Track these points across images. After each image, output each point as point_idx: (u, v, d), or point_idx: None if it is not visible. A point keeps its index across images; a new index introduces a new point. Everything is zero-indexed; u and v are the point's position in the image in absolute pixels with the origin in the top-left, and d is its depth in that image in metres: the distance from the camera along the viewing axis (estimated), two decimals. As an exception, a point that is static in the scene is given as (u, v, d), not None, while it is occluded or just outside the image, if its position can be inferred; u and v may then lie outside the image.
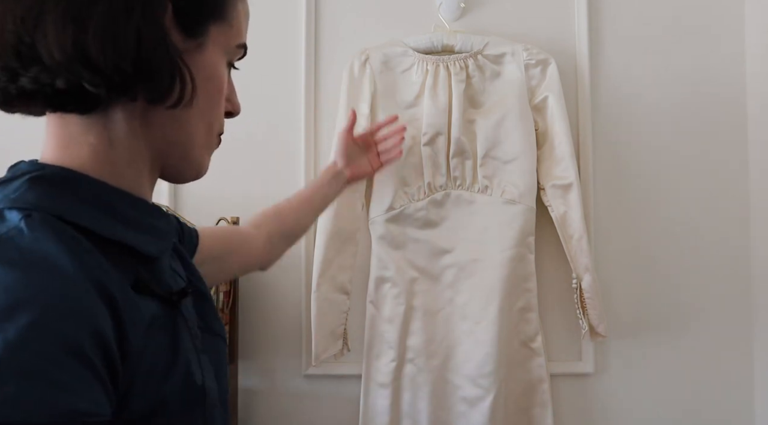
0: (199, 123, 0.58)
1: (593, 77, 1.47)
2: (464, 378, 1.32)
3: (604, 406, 1.45)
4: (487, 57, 1.39)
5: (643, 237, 1.47)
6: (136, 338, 0.47)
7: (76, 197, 0.49)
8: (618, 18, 1.49)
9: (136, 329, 0.47)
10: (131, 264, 0.51)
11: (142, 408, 0.47)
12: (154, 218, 0.57)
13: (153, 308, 0.51)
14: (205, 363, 0.57)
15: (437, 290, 1.36)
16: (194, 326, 0.58)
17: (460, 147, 1.34)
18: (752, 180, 1.47)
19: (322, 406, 1.42)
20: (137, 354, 0.47)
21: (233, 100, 0.63)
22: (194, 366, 0.53)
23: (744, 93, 1.49)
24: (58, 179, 0.50)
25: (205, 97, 0.57)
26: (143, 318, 0.48)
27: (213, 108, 0.59)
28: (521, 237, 1.34)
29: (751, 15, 1.48)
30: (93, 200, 0.50)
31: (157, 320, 0.50)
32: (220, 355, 0.63)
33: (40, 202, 0.47)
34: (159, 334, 0.50)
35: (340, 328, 1.34)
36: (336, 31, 1.47)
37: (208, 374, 0.57)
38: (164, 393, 0.49)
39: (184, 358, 0.52)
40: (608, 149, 1.47)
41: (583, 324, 1.36)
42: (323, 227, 1.34)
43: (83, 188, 0.50)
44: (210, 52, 0.57)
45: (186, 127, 0.57)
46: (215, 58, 0.57)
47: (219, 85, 0.58)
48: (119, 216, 0.51)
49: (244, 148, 1.44)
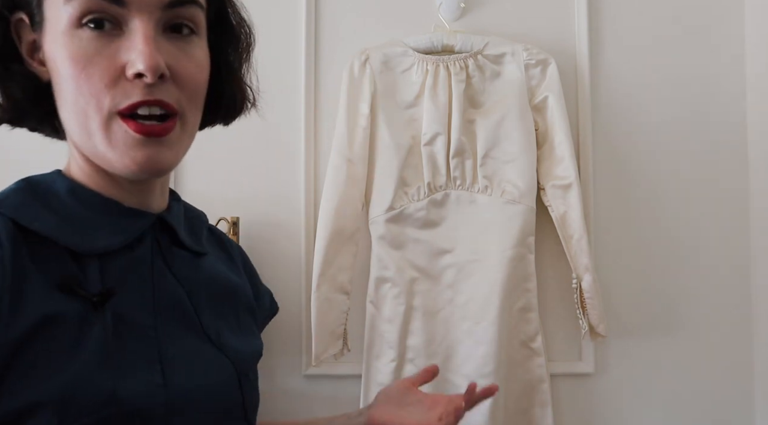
0: (75, 112, 0.52)
1: (593, 77, 1.47)
2: (464, 378, 1.32)
3: (604, 406, 1.45)
4: (487, 57, 1.39)
5: (643, 237, 1.47)
6: (11, 333, 0.47)
7: (34, 195, 0.54)
8: (618, 18, 1.49)
9: (16, 324, 0.47)
10: (65, 261, 0.52)
11: (19, 403, 0.46)
12: (112, 216, 0.56)
13: (62, 307, 0.49)
14: (142, 367, 0.52)
15: (437, 290, 1.36)
16: (134, 329, 0.54)
17: (460, 147, 1.34)
18: (752, 180, 1.48)
19: (322, 406, 1.42)
20: (13, 349, 0.46)
21: (132, 58, 0.50)
22: (100, 371, 0.49)
23: (744, 93, 1.49)
24: (38, 181, 0.56)
25: (62, 82, 0.52)
26: (32, 315, 0.48)
27: (76, 89, 0.51)
28: (521, 237, 1.34)
29: (751, 15, 1.49)
30: (47, 198, 0.55)
31: (58, 319, 0.49)
32: (214, 363, 0.60)
33: (3, 198, 0.53)
34: (57, 333, 0.48)
35: (340, 328, 1.34)
36: (336, 31, 1.47)
37: (147, 379, 0.52)
38: (45, 391, 0.47)
39: (82, 360, 0.49)
40: (608, 149, 1.47)
41: (583, 324, 1.36)
42: (323, 227, 1.33)
43: (49, 188, 0.56)
44: (48, 33, 0.53)
45: (71, 122, 0.54)
46: (55, 36, 0.52)
47: (69, 61, 0.50)
48: (63, 212, 0.54)
49: (244, 148, 1.44)
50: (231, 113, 0.68)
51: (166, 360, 0.54)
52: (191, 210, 0.70)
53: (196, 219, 0.69)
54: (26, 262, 0.49)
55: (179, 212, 0.66)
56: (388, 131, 1.35)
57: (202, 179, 1.43)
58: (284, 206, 1.43)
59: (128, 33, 0.51)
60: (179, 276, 0.61)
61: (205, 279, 0.64)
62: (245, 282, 0.74)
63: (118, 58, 0.51)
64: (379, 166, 1.36)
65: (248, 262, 0.78)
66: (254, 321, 0.73)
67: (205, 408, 0.57)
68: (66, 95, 0.52)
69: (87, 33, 0.50)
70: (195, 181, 1.43)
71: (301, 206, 1.43)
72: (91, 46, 0.50)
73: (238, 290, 0.70)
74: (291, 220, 1.43)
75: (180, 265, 0.62)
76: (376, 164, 1.36)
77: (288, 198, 1.44)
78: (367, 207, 1.38)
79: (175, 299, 0.59)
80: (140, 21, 0.51)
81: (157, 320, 0.56)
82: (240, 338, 0.66)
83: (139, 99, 0.50)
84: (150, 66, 0.50)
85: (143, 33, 0.51)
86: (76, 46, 0.50)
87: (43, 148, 0.67)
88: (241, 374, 0.63)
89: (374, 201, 1.37)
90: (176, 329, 0.57)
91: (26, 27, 0.55)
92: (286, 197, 1.44)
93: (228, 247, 0.74)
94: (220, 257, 0.71)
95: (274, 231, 1.43)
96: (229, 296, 0.68)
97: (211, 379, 0.58)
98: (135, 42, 0.50)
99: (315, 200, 1.42)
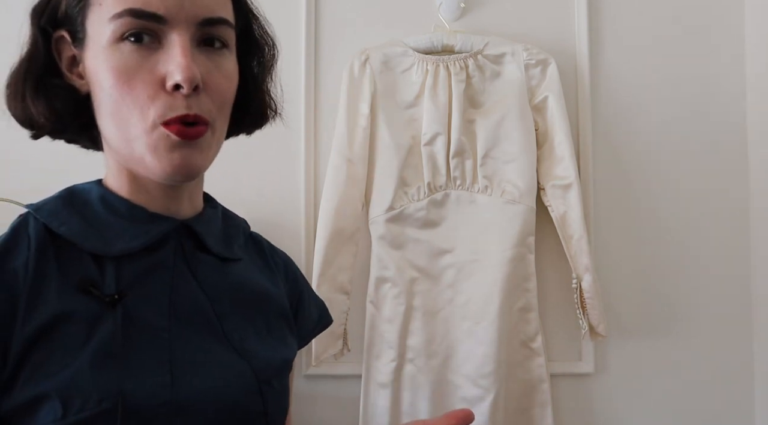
0: (116, 122, 0.56)
1: (593, 77, 1.47)
2: (464, 378, 1.32)
3: (604, 406, 1.45)
4: (487, 57, 1.39)
5: (643, 237, 1.47)
6: (27, 329, 0.51)
7: (70, 202, 0.60)
8: (618, 18, 1.49)
9: (32, 321, 0.51)
10: (87, 264, 0.56)
11: (27, 395, 0.50)
12: (136, 222, 0.60)
13: (76, 306, 0.53)
14: (150, 366, 0.54)
15: (437, 290, 1.36)
16: (145, 330, 0.56)
17: (460, 147, 1.34)
18: (752, 180, 1.48)
19: (322, 406, 1.42)
20: (28, 344, 0.51)
21: (171, 70, 0.54)
22: (106, 367, 0.52)
23: (744, 93, 1.49)
24: (78, 190, 0.61)
25: (105, 94, 0.56)
26: (47, 312, 0.52)
27: (119, 100, 0.55)
28: (521, 237, 1.34)
29: (751, 15, 1.49)
30: (82, 205, 0.60)
31: (71, 316, 0.53)
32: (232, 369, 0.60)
33: (44, 204, 0.59)
34: (70, 330, 0.52)
35: (340, 328, 1.34)
36: (336, 31, 1.47)
37: (153, 379, 0.53)
38: (50, 384, 0.50)
39: (89, 355, 0.51)
40: (608, 149, 1.47)
41: (583, 324, 1.36)
42: (323, 227, 1.34)
43: (86, 197, 0.61)
44: (91, 47, 0.57)
45: (110, 131, 0.58)
46: (97, 49, 0.56)
47: (111, 74, 0.54)
48: (91, 218, 0.59)
49: (244, 148, 1.43)
50: (256, 123, 0.74)
51: (176, 361, 0.55)
52: (231, 218, 0.73)
53: (234, 227, 0.72)
54: (51, 263, 0.55)
55: (213, 218, 0.68)
56: (388, 131, 1.35)
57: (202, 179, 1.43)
58: (284, 206, 1.43)
59: (166, 46, 0.55)
60: (202, 281, 0.62)
61: (231, 285, 0.65)
62: (281, 291, 0.73)
63: (157, 70, 0.54)
64: (379, 166, 1.36)
65: (292, 271, 0.78)
66: (288, 330, 0.72)
67: (213, 411, 0.57)
68: (107, 106, 0.56)
69: (128, 47, 0.54)
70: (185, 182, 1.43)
71: (301, 206, 1.42)
72: (132, 59, 0.54)
73: (271, 298, 0.70)
74: (291, 220, 1.43)
75: (205, 270, 0.63)
76: (376, 164, 1.36)
77: (288, 198, 1.43)
78: (367, 207, 1.38)
79: (196, 303, 0.60)
80: (178, 35, 0.55)
81: (172, 322, 0.57)
82: (268, 345, 0.66)
83: (181, 112, 0.54)
84: (187, 77, 0.53)
85: (181, 46, 0.54)
86: (118, 59, 0.54)
87: (43, 149, 0.70)
88: (263, 381, 0.62)
89: (374, 201, 1.37)
90: (193, 333, 0.59)
91: (67, 43, 0.59)
92: (286, 197, 1.44)
93: (268, 255, 0.75)
94: (257, 264, 0.72)
95: (274, 231, 1.42)
96: (259, 303, 0.68)
97: (224, 383, 0.58)
98: (173, 55, 0.54)
99: (315, 200, 1.42)
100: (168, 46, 0.55)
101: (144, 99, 0.54)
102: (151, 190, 0.61)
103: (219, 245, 0.66)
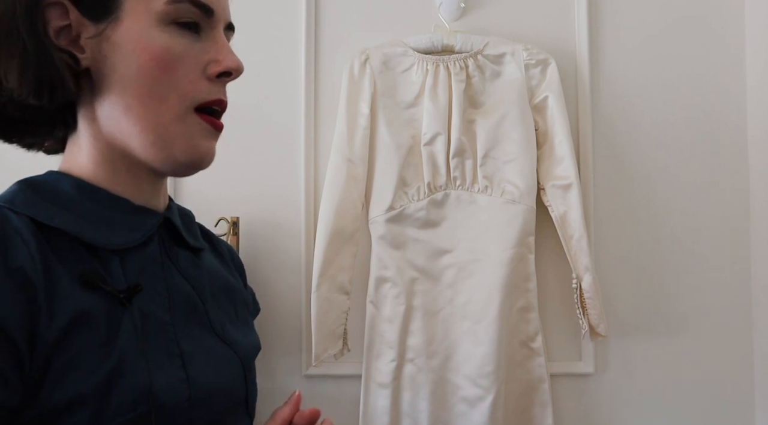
0: (146, 102, 0.55)
1: (593, 77, 1.47)
2: (464, 378, 1.32)
3: (604, 406, 1.45)
4: (487, 57, 1.39)
5: (643, 237, 1.47)
6: (51, 329, 0.48)
7: (39, 194, 0.54)
8: (618, 18, 1.49)
9: (55, 320, 0.48)
10: (84, 257, 0.53)
11: (58, 400, 0.47)
12: (123, 214, 0.57)
13: (90, 302, 0.50)
14: (166, 363, 0.54)
15: (437, 290, 1.36)
16: (156, 325, 0.55)
17: (460, 147, 1.34)
18: (752, 179, 1.48)
19: (322, 406, 1.40)
20: (53, 345, 0.47)
21: (220, 59, 0.57)
22: (135, 367, 0.51)
23: (744, 92, 1.49)
24: (39, 181, 0.56)
25: (138, 72, 0.54)
26: (66, 311, 0.49)
27: (156, 80, 0.54)
28: (521, 237, 1.34)
29: (752, 15, 1.49)
30: (54, 196, 0.55)
31: (89, 315, 0.50)
32: (224, 358, 0.61)
33: (12, 198, 0.53)
34: (90, 329, 0.50)
35: (340, 328, 1.34)
36: (336, 31, 1.47)
37: (172, 375, 0.53)
38: (83, 388, 0.48)
39: (118, 357, 0.50)
40: (608, 149, 1.47)
41: (583, 324, 1.36)
42: (323, 227, 1.33)
43: (53, 186, 0.56)
44: (128, 25, 0.55)
45: (133, 111, 0.55)
46: (136, 28, 0.54)
47: (153, 55, 0.54)
48: (74, 209, 0.55)
49: (244, 148, 1.44)
50: None
51: (186, 355, 0.56)
52: (181, 208, 0.71)
53: (187, 217, 0.71)
54: (52, 257, 0.51)
55: (176, 211, 0.68)
56: (388, 130, 1.35)
57: (202, 179, 1.42)
58: (284, 206, 1.43)
59: (206, 39, 0.58)
60: (185, 273, 0.62)
61: (206, 275, 0.66)
62: (237, 277, 0.75)
63: (201, 58, 0.57)
64: (379, 166, 1.36)
65: (236, 258, 0.80)
66: (251, 316, 0.75)
67: (220, 401, 0.58)
68: (137, 85, 0.55)
69: (177, 31, 0.56)
70: (195, 181, 1.43)
71: (301, 206, 1.42)
72: (179, 44, 0.56)
73: (234, 286, 0.72)
74: (291, 220, 1.43)
75: (184, 262, 0.63)
76: (376, 164, 1.36)
77: (288, 198, 1.43)
78: (367, 207, 1.38)
79: (186, 295, 0.61)
80: (218, 31, 0.59)
81: (173, 316, 0.57)
82: (242, 332, 0.67)
83: (219, 97, 0.58)
84: (238, 66, 0.58)
85: (224, 39, 0.59)
86: (166, 40, 0.55)
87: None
88: (245, 367, 0.64)
89: (374, 201, 1.36)
90: (189, 325, 0.59)
91: (62, 10, 0.55)
92: (286, 197, 1.44)
93: (216, 244, 0.76)
94: (213, 254, 0.73)
95: (274, 231, 1.43)
96: (227, 291, 0.69)
97: (225, 372, 0.61)
98: (219, 46, 0.58)
99: (315, 200, 1.42)
100: (210, 38, 0.58)
101: (185, 82, 0.56)
102: (140, 183, 0.59)
103: (189, 236, 0.66)
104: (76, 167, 0.58)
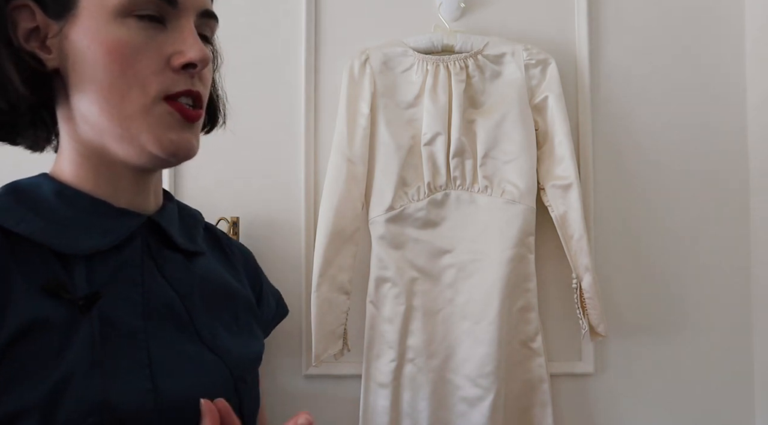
0: (108, 97, 0.54)
1: (593, 77, 1.47)
2: (464, 377, 1.32)
3: (604, 406, 1.45)
4: (487, 57, 1.39)
5: (643, 237, 1.47)
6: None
7: (17, 199, 0.54)
8: (618, 18, 1.49)
9: (2, 329, 0.47)
10: (50, 264, 0.52)
11: (2, 413, 0.45)
12: (101, 217, 0.56)
13: (48, 311, 0.49)
14: (130, 372, 0.51)
15: (437, 290, 1.36)
16: (122, 333, 0.53)
17: (460, 147, 1.34)
18: (752, 179, 1.48)
19: (322, 406, 1.42)
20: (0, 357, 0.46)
21: (184, 50, 0.55)
22: (88, 378, 0.48)
23: (744, 92, 1.49)
24: (22, 186, 0.56)
25: (97, 68, 0.53)
26: (17, 319, 0.47)
27: (115, 74, 0.53)
28: (521, 237, 1.34)
29: (752, 15, 1.49)
30: (32, 202, 0.54)
31: (46, 323, 0.48)
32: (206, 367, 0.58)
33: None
34: (43, 338, 0.48)
35: (340, 328, 1.34)
36: (336, 31, 1.47)
37: (135, 385, 0.51)
38: (28, 400, 0.46)
39: (67, 367, 0.48)
40: (608, 149, 1.47)
41: (583, 323, 1.36)
42: (323, 227, 1.33)
43: (33, 192, 0.56)
44: (84, 21, 0.54)
45: (99, 107, 0.54)
46: (92, 23, 0.54)
47: (109, 49, 0.53)
48: (48, 215, 0.54)
49: (244, 147, 1.44)
50: (213, 122, 0.72)
51: (156, 363, 0.53)
52: (186, 209, 0.70)
53: (191, 218, 0.69)
54: (11, 265, 0.50)
55: (173, 212, 0.66)
56: (388, 130, 1.35)
57: (202, 179, 1.43)
58: (284, 206, 1.43)
59: (171, 29, 0.56)
60: (170, 278, 0.60)
61: (198, 280, 0.63)
62: (244, 282, 0.73)
63: (164, 49, 0.55)
64: (379, 166, 1.36)
65: (251, 261, 0.77)
66: (256, 322, 0.72)
67: (195, 413, 0.54)
68: (99, 81, 0.54)
69: (135, 23, 0.54)
70: (195, 181, 1.43)
71: (301, 206, 1.43)
72: (138, 36, 0.54)
73: (236, 290, 0.69)
74: (291, 220, 1.43)
75: (171, 267, 0.61)
76: (376, 163, 1.36)
77: (288, 198, 1.44)
78: (367, 207, 1.38)
79: (167, 301, 0.58)
80: (186, 21, 0.56)
81: (147, 323, 0.55)
82: (238, 339, 0.65)
83: (187, 87, 0.56)
84: (202, 57, 0.55)
85: (191, 30, 0.56)
86: (124, 34, 0.53)
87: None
88: (237, 377, 0.61)
89: (374, 201, 1.37)
90: (167, 332, 0.57)
91: (29, 12, 0.55)
92: (286, 197, 1.44)
93: (226, 246, 0.74)
94: (217, 257, 0.71)
95: (274, 231, 1.43)
96: (226, 297, 0.67)
97: (203, 382, 0.57)
98: (184, 36, 0.56)
99: (315, 200, 1.42)
100: (175, 29, 0.56)
101: (147, 75, 0.54)
102: (121, 182, 0.58)
103: (184, 239, 0.64)
104: (60, 168, 0.59)
